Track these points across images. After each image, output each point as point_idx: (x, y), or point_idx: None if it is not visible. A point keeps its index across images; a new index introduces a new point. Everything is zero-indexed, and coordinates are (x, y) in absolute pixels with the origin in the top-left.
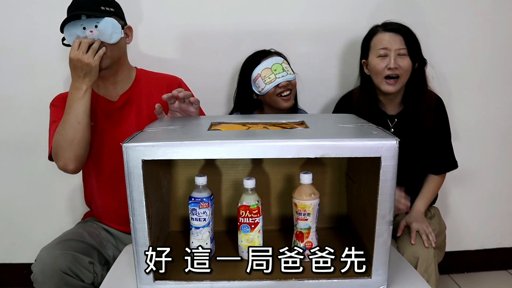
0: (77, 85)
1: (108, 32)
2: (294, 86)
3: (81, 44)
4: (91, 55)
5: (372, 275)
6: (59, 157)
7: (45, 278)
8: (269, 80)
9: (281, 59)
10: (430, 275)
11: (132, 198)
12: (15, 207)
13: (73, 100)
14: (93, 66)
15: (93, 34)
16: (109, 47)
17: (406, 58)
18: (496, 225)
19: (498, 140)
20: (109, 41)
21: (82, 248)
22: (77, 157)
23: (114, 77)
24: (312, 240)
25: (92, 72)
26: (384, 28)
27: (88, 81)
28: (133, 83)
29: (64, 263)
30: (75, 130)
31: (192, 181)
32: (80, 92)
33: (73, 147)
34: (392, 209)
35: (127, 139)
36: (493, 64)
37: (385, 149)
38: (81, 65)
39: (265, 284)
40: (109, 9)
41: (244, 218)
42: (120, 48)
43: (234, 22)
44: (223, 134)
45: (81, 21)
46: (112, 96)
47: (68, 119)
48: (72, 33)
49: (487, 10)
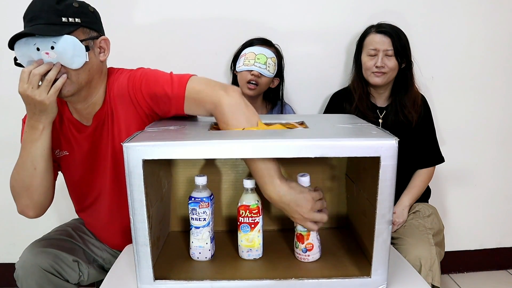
0: (32, 123)
1: (68, 54)
2: (263, 84)
3: (30, 76)
4: (44, 91)
5: (372, 275)
6: (16, 202)
7: (26, 275)
8: (247, 63)
9: (273, 55)
10: (435, 273)
11: (133, 198)
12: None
13: (28, 142)
14: (47, 104)
15: (50, 57)
16: (73, 72)
17: (392, 59)
18: (495, 225)
19: (497, 140)
20: (71, 66)
21: (66, 246)
22: (35, 204)
23: (85, 101)
24: (313, 241)
25: (48, 110)
26: (376, 30)
27: (45, 119)
28: (104, 100)
29: (45, 260)
30: (31, 176)
31: (192, 181)
32: (36, 133)
33: (30, 194)
34: (392, 208)
35: (128, 138)
36: (493, 64)
37: (384, 149)
38: (33, 102)
39: (265, 284)
40: (73, 20)
41: (244, 218)
42: (88, 70)
43: (234, 22)
44: (223, 134)
45: (34, 40)
46: (87, 119)
47: (22, 163)
48: (23, 53)
49: (483, 11)
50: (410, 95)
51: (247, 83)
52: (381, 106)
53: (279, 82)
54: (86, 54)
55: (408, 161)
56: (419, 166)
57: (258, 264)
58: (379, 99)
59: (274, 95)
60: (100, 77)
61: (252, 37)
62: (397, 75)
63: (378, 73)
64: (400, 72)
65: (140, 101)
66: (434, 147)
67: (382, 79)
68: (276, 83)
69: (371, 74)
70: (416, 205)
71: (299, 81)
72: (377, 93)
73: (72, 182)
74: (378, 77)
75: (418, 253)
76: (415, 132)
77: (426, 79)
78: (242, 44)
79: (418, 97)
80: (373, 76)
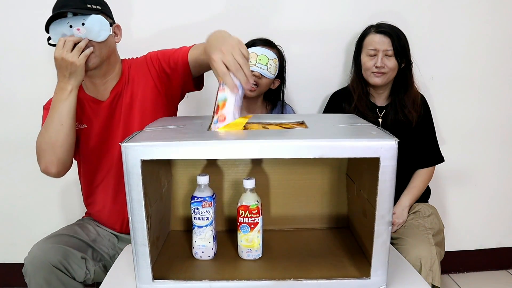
0: (62, 86)
1: (95, 29)
2: (264, 85)
3: (65, 42)
4: (76, 54)
5: (371, 276)
6: (41, 159)
7: (34, 271)
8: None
9: (274, 57)
10: (435, 273)
11: (131, 198)
12: (15, 207)
13: (57, 101)
14: (78, 65)
15: (80, 32)
16: (97, 45)
17: (392, 59)
18: (495, 225)
19: (498, 141)
20: (97, 39)
21: (74, 243)
22: (59, 160)
23: (104, 76)
24: (227, 114)
25: (78, 72)
26: (375, 30)
27: (73, 81)
28: (120, 77)
29: (55, 256)
30: (58, 132)
31: (193, 181)
32: (65, 93)
33: (55, 150)
34: (391, 209)
35: (126, 138)
36: (493, 64)
37: (384, 149)
38: (66, 64)
39: (264, 284)
40: (96, 7)
41: (243, 218)
42: (109, 47)
43: (234, 22)
44: (222, 134)
45: (67, 19)
46: (102, 95)
47: (51, 121)
48: (58, 32)
49: (483, 11)
50: (409, 95)
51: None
52: (381, 105)
53: (280, 83)
54: (110, 28)
55: (408, 161)
56: (419, 166)
57: (258, 264)
58: (379, 99)
59: (274, 96)
60: (115, 57)
61: (253, 38)
62: (397, 75)
63: (378, 73)
64: (400, 72)
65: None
66: (434, 147)
67: (381, 79)
68: (277, 84)
69: (371, 74)
70: (416, 205)
71: (299, 81)
72: (377, 93)
73: (86, 158)
74: (377, 77)
75: (418, 253)
76: (414, 132)
77: (426, 79)
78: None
79: (418, 96)
80: (373, 76)
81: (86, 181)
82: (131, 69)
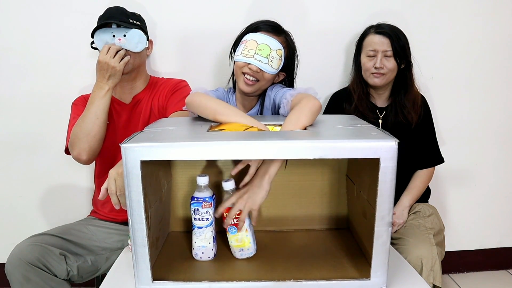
0: (101, 85)
1: (134, 41)
2: (265, 80)
3: (110, 49)
4: (117, 60)
5: (371, 277)
6: (74, 147)
7: (13, 269)
8: (246, 53)
9: (279, 47)
10: (436, 273)
11: (131, 199)
12: (15, 207)
13: (95, 97)
14: (117, 69)
15: (121, 42)
16: (133, 55)
17: (391, 59)
18: (495, 225)
19: (498, 141)
20: (134, 50)
21: (54, 241)
22: (90, 149)
23: (132, 82)
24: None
25: (116, 75)
26: (375, 30)
27: (111, 82)
28: (145, 88)
29: (31, 254)
30: (93, 124)
31: (192, 182)
32: (102, 92)
33: (88, 139)
34: (391, 210)
35: (126, 139)
36: (493, 64)
37: (384, 150)
38: (107, 67)
39: (264, 285)
40: (136, 23)
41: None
42: (142, 58)
43: (234, 22)
44: (222, 135)
45: (111, 29)
46: (126, 99)
47: (88, 113)
48: (101, 39)
49: (483, 11)
50: (410, 96)
51: (243, 76)
52: (381, 106)
53: (284, 77)
54: (147, 42)
55: (408, 162)
56: (419, 166)
57: (258, 265)
58: (379, 100)
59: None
60: (144, 66)
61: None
62: (397, 76)
63: (377, 74)
64: (400, 73)
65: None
66: (434, 147)
67: (381, 80)
68: (282, 78)
69: (370, 75)
70: (416, 205)
71: (299, 81)
72: (377, 93)
73: (104, 150)
74: (377, 78)
75: (419, 253)
76: (415, 133)
77: (426, 79)
78: (247, 26)
79: (418, 97)
80: (372, 77)
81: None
82: (157, 85)
